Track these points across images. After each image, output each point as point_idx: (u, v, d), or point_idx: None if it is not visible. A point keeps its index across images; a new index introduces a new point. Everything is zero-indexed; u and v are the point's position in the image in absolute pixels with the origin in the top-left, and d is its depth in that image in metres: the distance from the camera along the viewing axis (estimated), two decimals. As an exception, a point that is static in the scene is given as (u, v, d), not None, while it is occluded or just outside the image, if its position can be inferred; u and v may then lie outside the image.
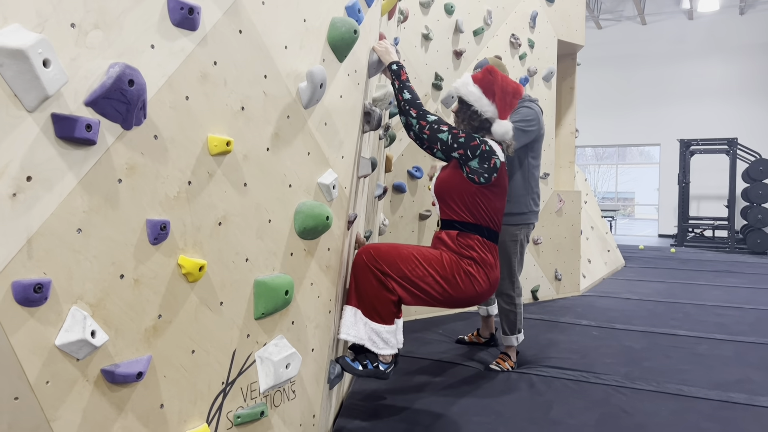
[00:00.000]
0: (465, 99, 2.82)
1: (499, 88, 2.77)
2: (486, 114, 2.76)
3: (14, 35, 1.23)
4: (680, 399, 3.11)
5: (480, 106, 2.76)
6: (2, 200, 1.25)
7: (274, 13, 1.95)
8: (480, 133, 2.77)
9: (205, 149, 1.72)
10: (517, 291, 3.70)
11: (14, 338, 1.29)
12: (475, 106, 2.77)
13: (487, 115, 2.77)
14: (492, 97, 2.76)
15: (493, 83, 2.78)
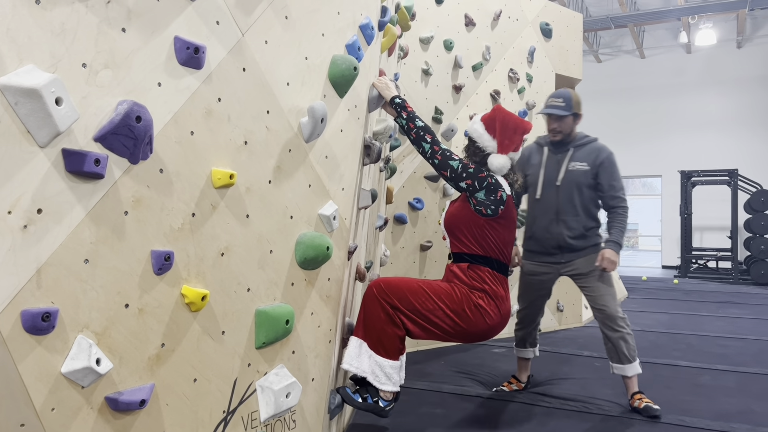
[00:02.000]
0: (470, 135, 2.93)
1: (500, 124, 2.84)
2: (487, 149, 2.83)
3: (29, 75, 1.30)
4: (682, 429, 3.10)
5: (482, 142, 2.84)
6: (14, 232, 1.30)
7: (276, 52, 2.03)
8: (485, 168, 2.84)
9: (208, 182, 1.78)
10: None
11: (22, 366, 1.32)
12: (478, 142, 2.85)
13: (488, 150, 2.83)
14: (493, 133, 2.83)
15: (494, 119, 2.86)
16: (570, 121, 3.49)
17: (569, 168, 3.48)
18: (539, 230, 3.54)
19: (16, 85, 1.27)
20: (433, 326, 2.57)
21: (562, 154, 3.53)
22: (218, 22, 1.80)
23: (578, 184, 3.45)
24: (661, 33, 15.97)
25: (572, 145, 3.52)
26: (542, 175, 3.55)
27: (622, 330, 3.36)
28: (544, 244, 3.53)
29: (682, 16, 13.55)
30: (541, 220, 3.53)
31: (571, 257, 3.49)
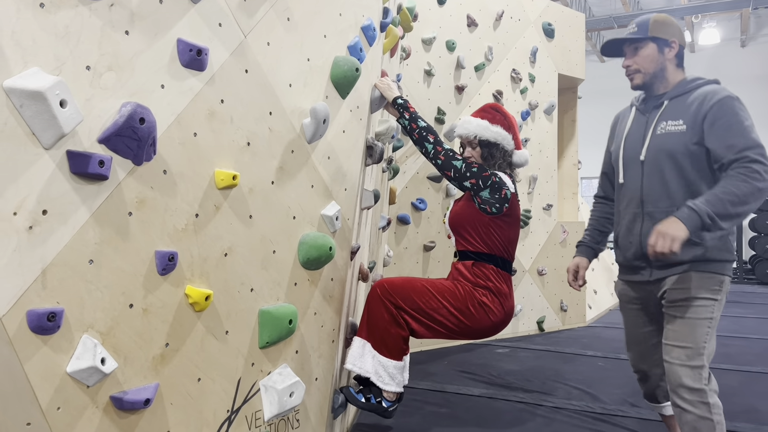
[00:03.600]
0: (491, 140, 2.82)
1: (514, 122, 2.86)
2: (508, 148, 2.84)
3: (33, 78, 1.32)
4: (686, 429, 3.10)
5: (506, 144, 2.83)
6: (19, 233, 1.31)
7: (278, 53, 2.04)
8: (506, 168, 2.83)
9: (212, 183, 1.79)
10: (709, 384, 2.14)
11: (28, 365, 1.34)
12: (502, 144, 2.82)
13: (509, 148, 2.85)
14: (510, 131, 2.84)
15: (508, 117, 2.86)
16: (652, 52, 2.31)
17: (657, 132, 2.27)
18: (622, 232, 2.40)
19: (21, 87, 1.29)
20: (438, 325, 2.58)
21: (652, 112, 2.34)
22: (221, 24, 1.81)
23: (671, 154, 2.22)
24: (665, 32, 15.93)
25: (668, 97, 2.30)
26: (623, 148, 2.42)
27: (692, 410, 2.10)
28: (626, 253, 2.38)
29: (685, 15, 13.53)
30: (624, 217, 2.38)
31: (661, 275, 2.26)
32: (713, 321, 2.17)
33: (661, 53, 2.31)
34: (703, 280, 2.18)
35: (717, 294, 2.19)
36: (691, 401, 2.10)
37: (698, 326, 2.15)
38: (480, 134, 2.81)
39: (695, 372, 2.11)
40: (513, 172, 2.87)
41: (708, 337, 2.15)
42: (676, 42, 2.30)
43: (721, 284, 2.20)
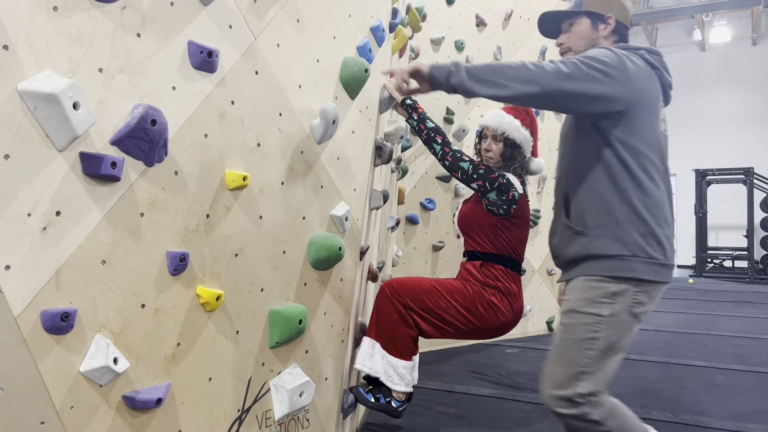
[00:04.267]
0: (516, 141, 2.77)
1: (537, 129, 2.86)
2: (527, 154, 2.83)
3: (47, 80, 1.33)
4: (697, 430, 3.09)
5: (527, 149, 2.82)
6: (33, 234, 1.33)
7: (288, 55, 2.05)
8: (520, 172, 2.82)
9: (222, 184, 1.80)
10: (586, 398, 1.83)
11: (42, 365, 1.35)
12: (524, 148, 2.81)
13: (528, 154, 2.84)
14: (533, 137, 2.84)
15: (534, 123, 2.85)
16: (585, 28, 2.04)
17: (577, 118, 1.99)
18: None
19: (35, 90, 1.30)
20: (447, 324, 2.59)
21: None
22: (231, 26, 1.82)
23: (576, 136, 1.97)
24: (675, 31, 15.86)
25: None
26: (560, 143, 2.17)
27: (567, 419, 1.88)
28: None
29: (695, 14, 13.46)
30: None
31: (563, 278, 2.03)
32: (597, 343, 1.78)
33: (595, 29, 2.04)
34: (586, 289, 1.84)
35: (601, 307, 1.79)
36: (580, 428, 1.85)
37: (574, 348, 1.82)
38: (510, 132, 2.77)
39: (570, 402, 1.83)
40: (525, 177, 2.87)
41: (589, 362, 1.79)
42: (612, 17, 2.03)
43: (612, 295, 1.79)
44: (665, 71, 1.99)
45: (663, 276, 1.84)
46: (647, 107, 1.88)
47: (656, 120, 1.91)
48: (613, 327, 1.80)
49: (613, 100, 1.81)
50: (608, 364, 1.83)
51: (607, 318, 1.79)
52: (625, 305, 1.80)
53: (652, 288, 1.83)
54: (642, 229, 1.81)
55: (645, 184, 1.83)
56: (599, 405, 1.82)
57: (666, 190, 1.90)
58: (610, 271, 1.81)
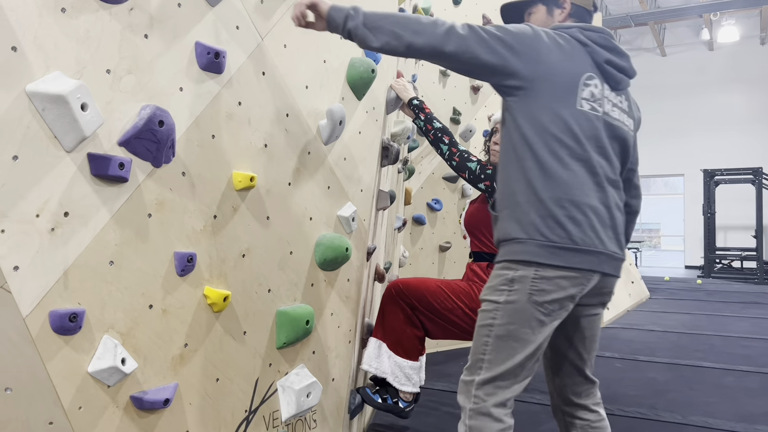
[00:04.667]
0: None
1: None
2: None
3: (55, 82, 1.34)
4: (706, 431, 3.07)
5: None
6: (42, 235, 1.33)
7: (295, 55, 2.05)
8: None
9: (230, 185, 1.80)
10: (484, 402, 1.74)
11: (50, 365, 1.36)
12: None
13: None
14: None
15: None
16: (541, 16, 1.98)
17: None
18: None
19: (43, 91, 1.31)
20: (453, 325, 2.58)
21: None
22: (238, 27, 1.83)
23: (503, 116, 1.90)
24: (683, 30, 15.79)
25: None
26: None
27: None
28: None
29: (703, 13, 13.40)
30: None
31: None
32: (493, 329, 1.73)
33: (551, 15, 1.97)
34: (494, 278, 1.79)
35: (500, 294, 1.73)
36: (462, 420, 1.79)
37: (477, 335, 1.79)
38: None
39: (466, 387, 1.78)
40: None
41: (487, 349, 1.75)
42: (567, 2, 1.94)
43: (510, 282, 1.72)
44: (604, 48, 1.82)
45: (567, 261, 1.69)
46: (560, 85, 1.74)
47: (573, 98, 1.75)
48: (510, 315, 1.71)
49: (509, 74, 1.73)
50: (510, 357, 1.71)
51: (503, 305, 1.72)
52: (525, 292, 1.70)
53: (556, 274, 1.69)
54: (541, 210, 1.71)
55: (548, 164, 1.71)
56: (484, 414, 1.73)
57: (584, 172, 1.74)
58: (508, 255, 1.75)
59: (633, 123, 1.92)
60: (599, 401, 1.97)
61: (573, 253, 1.70)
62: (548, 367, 2.01)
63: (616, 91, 1.86)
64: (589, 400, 1.94)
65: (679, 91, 15.62)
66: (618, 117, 1.84)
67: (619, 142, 1.84)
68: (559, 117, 1.73)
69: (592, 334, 1.91)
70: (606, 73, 1.83)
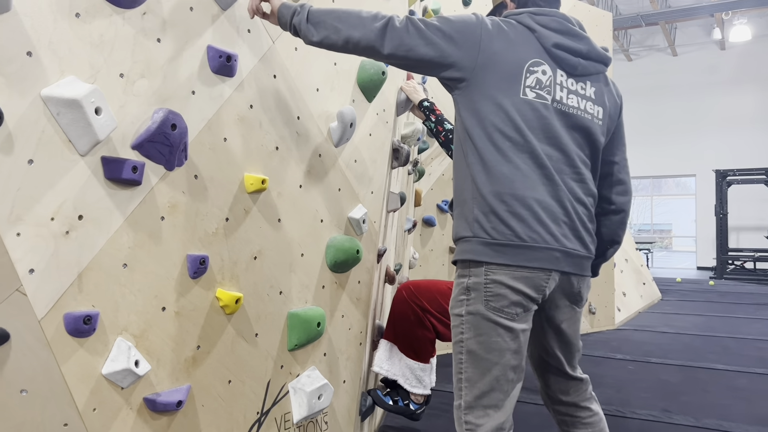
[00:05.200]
0: None
1: None
2: None
3: (70, 86, 1.35)
4: (719, 434, 3.05)
5: None
6: (56, 238, 1.35)
7: (306, 58, 2.06)
8: None
9: (241, 187, 1.81)
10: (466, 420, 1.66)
11: (65, 367, 1.37)
12: None
13: None
14: None
15: None
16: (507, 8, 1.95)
17: None
18: None
19: (57, 96, 1.32)
20: (464, 328, 2.57)
21: None
22: (249, 31, 1.83)
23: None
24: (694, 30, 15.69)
25: None
26: None
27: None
28: None
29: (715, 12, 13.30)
30: None
31: None
32: (464, 344, 1.64)
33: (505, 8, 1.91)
34: (455, 287, 1.70)
35: (461, 305, 1.65)
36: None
37: (453, 354, 1.70)
38: None
39: (456, 414, 1.69)
40: None
41: (462, 367, 1.66)
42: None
43: (466, 290, 1.63)
44: (555, 32, 1.70)
45: (513, 258, 1.59)
46: (502, 73, 1.65)
47: (516, 87, 1.64)
48: (475, 326, 1.62)
49: (448, 65, 1.67)
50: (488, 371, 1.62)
51: (466, 317, 1.64)
52: (480, 300, 1.61)
53: (506, 275, 1.59)
54: (483, 207, 1.62)
55: (488, 158, 1.63)
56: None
57: (530, 165, 1.63)
58: (458, 254, 1.67)
59: (602, 111, 1.77)
60: (589, 397, 1.89)
61: (519, 250, 1.59)
62: (533, 368, 1.93)
63: (574, 77, 1.72)
64: (578, 397, 1.86)
65: (690, 91, 15.51)
66: (576, 105, 1.70)
67: (581, 131, 1.71)
68: (500, 107, 1.63)
69: (569, 335, 1.80)
70: (557, 58, 1.69)
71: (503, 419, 1.63)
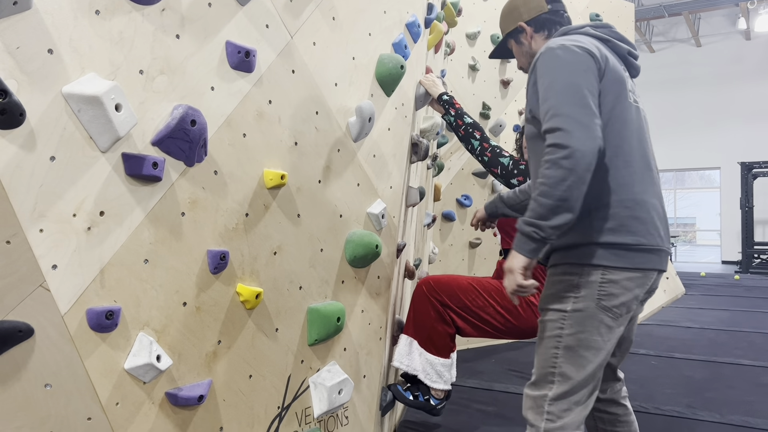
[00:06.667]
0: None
1: None
2: None
3: (90, 83, 1.36)
4: (746, 431, 2.99)
5: None
6: (78, 234, 1.36)
7: (324, 53, 2.05)
8: None
9: (261, 183, 1.82)
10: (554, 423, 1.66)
11: (88, 362, 1.38)
12: None
13: None
14: None
15: None
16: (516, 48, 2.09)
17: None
18: None
19: (78, 93, 1.33)
20: (484, 323, 2.56)
21: None
22: (268, 26, 1.83)
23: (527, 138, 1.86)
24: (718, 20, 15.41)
25: None
26: None
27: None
28: None
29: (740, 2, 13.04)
30: None
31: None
32: (562, 340, 1.67)
33: (521, 44, 2.05)
34: (555, 284, 1.72)
35: (566, 302, 1.67)
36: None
37: (543, 347, 1.72)
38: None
39: (536, 403, 1.69)
40: None
41: (557, 361, 1.67)
42: (522, 23, 2.00)
43: (575, 288, 1.67)
44: (619, 41, 1.81)
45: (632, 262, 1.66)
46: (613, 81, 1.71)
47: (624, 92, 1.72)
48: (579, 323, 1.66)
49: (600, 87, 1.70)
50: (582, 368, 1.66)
51: (571, 314, 1.67)
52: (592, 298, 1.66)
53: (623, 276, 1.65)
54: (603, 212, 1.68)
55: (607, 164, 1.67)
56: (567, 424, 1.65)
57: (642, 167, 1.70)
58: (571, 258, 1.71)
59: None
60: (626, 395, 1.98)
61: (637, 254, 1.65)
62: None
63: (632, 78, 1.86)
64: (615, 394, 1.94)
65: (714, 82, 15.24)
66: (641, 105, 1.81)
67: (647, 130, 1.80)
68: (617, 115, 1.69)
69: (630, 334, 1.88)
70: (629, 64, 1.83)
71: (583, 416, 1.68)
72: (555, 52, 1.67)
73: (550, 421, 1.65)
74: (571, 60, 1.64)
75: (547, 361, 1.70)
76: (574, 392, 1.66)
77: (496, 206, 2.44)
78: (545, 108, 1.61)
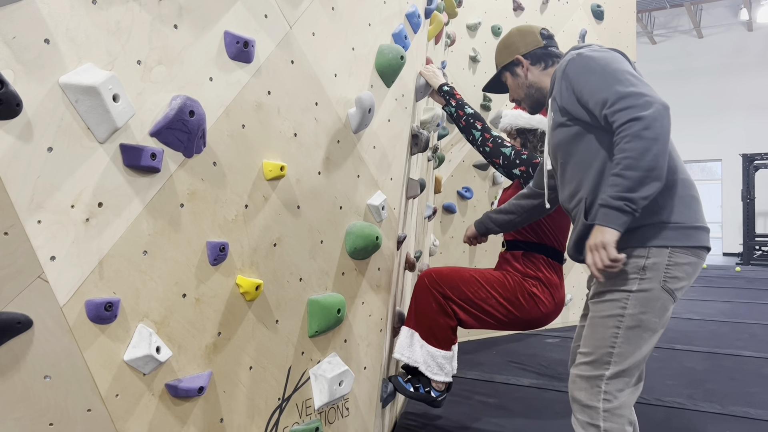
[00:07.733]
0: (525, 127, 2.84)
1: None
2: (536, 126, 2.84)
3: (87, 73, 1.34)
4: (747, 422, 2.99)
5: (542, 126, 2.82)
6: (77, 225, 1.35)
7: (324, 43, 2.04)
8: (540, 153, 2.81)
9: (260, 174, 1.81)
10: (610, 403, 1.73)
11: (87, 353, 1.38)
12: (539, 128, 2.82)
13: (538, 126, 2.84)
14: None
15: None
16: (511, 81, 2.26)
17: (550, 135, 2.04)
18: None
19: (75, 83, 1.32)
20: (486, 315, 2.55)
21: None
22: (266, 16, 1.82)
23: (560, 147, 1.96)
24: (720, 11, 15.34)
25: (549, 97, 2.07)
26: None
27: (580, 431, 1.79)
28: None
29: (742, -8, 12.98)
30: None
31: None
32: (624, 320, 1.72)
33: (517, 76, 2.22)
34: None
35: (632, 284, 1.72)
36: (581, 421, 1.76)
37: (601, 327, 1.76)
38: (513, 124, 2.85)
39: (590, 384, 1.74)
40: None
41: (616, 341, 1.73)
42: (519, 56, 2.20)
43: (641, 270, 1.72)
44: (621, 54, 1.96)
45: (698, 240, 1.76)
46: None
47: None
48: (644, 304, 1.73)
49: None
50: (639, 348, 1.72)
51: (635, 293, 1.74)
52: (658, 280, 1.73)
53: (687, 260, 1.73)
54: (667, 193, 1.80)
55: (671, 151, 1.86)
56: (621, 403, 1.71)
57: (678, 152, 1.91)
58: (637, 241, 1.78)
59: None
60: None
61: (699, 232, 1.75)
62: None
63: None
64: None
65: (716, 73, 15.20)
66: None
67: None
68: None
69: None
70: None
71: (634, 398, 1.78)
72: (586, 54, 1.82)
73: (608, 401, 1.71)
74: (604, 55, 1.80)
75: (605, 341, 1.75)
76: (629, 373, 1.73)
77: (485, 224, 2.62)
78: (602, 98, 1.72)
